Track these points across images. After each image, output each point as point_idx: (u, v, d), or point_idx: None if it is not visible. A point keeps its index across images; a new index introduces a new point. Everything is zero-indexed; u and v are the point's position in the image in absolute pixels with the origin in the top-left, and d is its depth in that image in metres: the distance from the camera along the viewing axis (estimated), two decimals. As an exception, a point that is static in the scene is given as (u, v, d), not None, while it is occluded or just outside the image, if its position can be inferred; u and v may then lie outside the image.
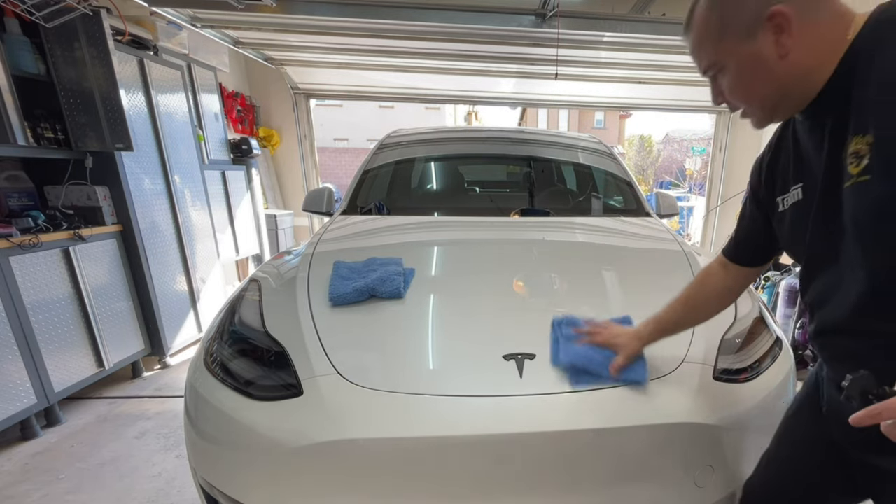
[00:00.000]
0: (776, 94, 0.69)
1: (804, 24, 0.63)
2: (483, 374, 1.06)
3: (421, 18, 3.03)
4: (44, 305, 2.22)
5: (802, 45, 0.64)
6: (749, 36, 0.66)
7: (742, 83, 0.71)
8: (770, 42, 0.65)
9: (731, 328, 1.25)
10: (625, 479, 1.00)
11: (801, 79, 0.66)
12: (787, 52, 0.64)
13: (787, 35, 0.63)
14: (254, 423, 1.02)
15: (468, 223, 2.00)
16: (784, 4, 0.62)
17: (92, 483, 1.88)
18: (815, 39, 0.64)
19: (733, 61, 0.69)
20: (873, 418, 0.56)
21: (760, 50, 0.66)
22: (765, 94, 0.70)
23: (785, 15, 0.62)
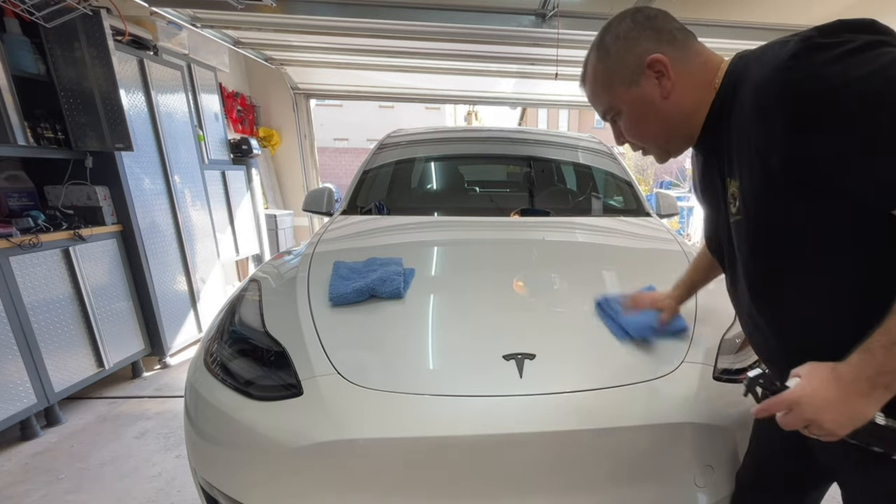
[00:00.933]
0: (666, 132, 0.78)
1: (679, 69, 0.73)
2: (483, 374, 1.06)
3: (421, 18, 3.03)
4: (44, 305, 2.22)
5: (680, 87, 0.73)
6: (634, 83, 0.75)
7: (635, 124, 0.79)
8: (653, 86, 0.74)
9: (731, 328, 1.25)
10: (625, 479, 1.00)
11: (685, 118, 0.75)
12: (669, 93, 0.73)
13: (666, 78, 0.73)
14: (254, 423, 1.02)
15: (468, 223, 2.00)
16: (659, 53, 0.72)
17: (92, 483, 1.88)
18: (690, 83, 0.73)
19: (625, 106, 0.78)
20: (766, 411, 0.64)
21: (645, 92, 0.74)
22: (656, 132, 0.79)
23: (661, 61, 0.72)
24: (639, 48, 0.74)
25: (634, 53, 0.74)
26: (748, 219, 0.69)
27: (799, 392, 0.61)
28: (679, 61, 0.73)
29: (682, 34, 0.75)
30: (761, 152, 0.62)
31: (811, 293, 0.67)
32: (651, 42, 0.74)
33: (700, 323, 1.24)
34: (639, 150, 0.84)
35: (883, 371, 0.56)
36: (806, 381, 0.62)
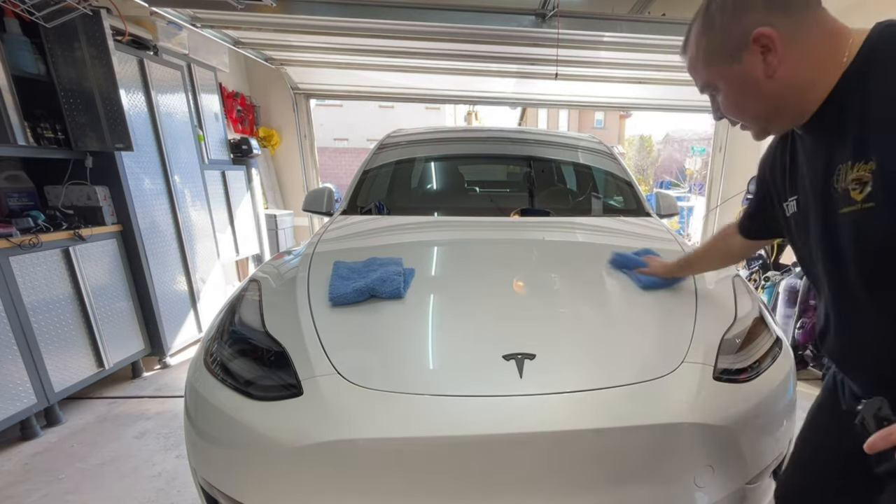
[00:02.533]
0: (768, 111, 0.72)
1: (792, 44, 0.65)
2: (483, 374, 1.06)
3: (421, 18, 3.03)
4: (44, 305, 2.22)
5: (791, 65, 0.66)
6: (736, 58, 0.69)
7: (734, 101, 0.74)
8: (757, 62, 0.67)
9: (731, 328, 1.25)
10: (625, 479, 1.00)
11: (793, 96, 0.69)
12: (775, 72, 0.67)
13: (773, 55, 0.66)
14: (254, 423, 1.02)
15: (468, 223, 2.00)
16: (769, 26, 0.64)
17: (92, 483, 1.88)
18: (805, 58, 0.66)
19: (724, 82, 0.73)
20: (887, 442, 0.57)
21: (748, 70, 0.68)
22: (756, 111, 0.74)
23: (769, 36, 0.64)
24: (746, 18, 0.66)
25: (741, 24, 0.67)
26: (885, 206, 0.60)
27: None
28: (793, 33, 0.65)
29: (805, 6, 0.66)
30: None
31: None
32: (760, 11, 0.66)
33: (700, 323, 1.24)
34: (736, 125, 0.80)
35: None
36: None
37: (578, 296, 1.40)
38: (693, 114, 7.82)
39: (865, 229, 0.64)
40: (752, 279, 3.65)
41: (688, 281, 1.44)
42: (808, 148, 0.75)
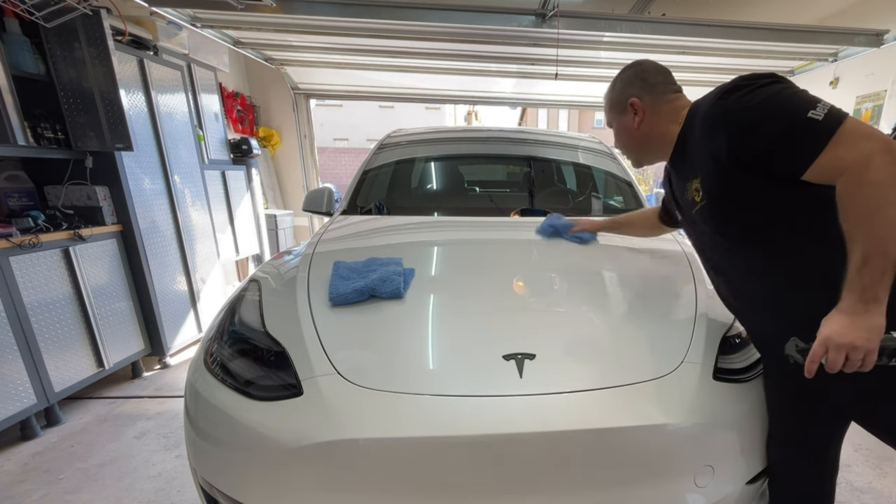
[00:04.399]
0: (636, 148, 1.20)
1: (650, 110, 1.11)
2: (483, 374, 1.06)
3: (421, 18, 3.03)
4: (44, 305, 2.22)
5: (649, 123, 1.12)
6: (621, 112, 1.16)
7: (618, 138, 1.22)
8: (630, 117, 1.14)
9: (731, 328, 1.25)
10: (625, 480, 1.00)
11: (652, 142, 1.14)
12: (639, 125, 1.13)
13: (639, 115, 1.12)
14: (254, 423, 1.02)
15: (468, 223, 2.00)
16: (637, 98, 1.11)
17: (92, 483, 1.88)
18: (658, 120, 1.11)
19: (615, 123, 1.20)
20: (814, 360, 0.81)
21: (626, 121, 1.15)
22: (630, 147, 1.21)
23: (637, 104, 1.12)
24: (629, 90, 1.13)
25: (626, 93, 1.14)
26: (709, 200, 0.99)
27: (825, 332, 0.79)
28: (651, 104, 1.11)
29: (661, 87, 1.11)
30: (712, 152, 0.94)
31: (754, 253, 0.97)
32: (636, 88, 1.12)
33: (700, 323, 1.24)
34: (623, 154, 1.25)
35: (865, 289, 0.77)
36: (824, 327, 0.80)
37: (578, 296, 1.40)
38: (693, 114, 7.79)
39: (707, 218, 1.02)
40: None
41: (688, 281, 1.44)
42: (673, 175, 1.16)
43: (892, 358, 0.79)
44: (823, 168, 0.80)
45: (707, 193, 0.98)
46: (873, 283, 0.76)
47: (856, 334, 0.77)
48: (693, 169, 1.02)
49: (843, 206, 0.80)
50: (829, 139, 0.79)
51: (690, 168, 1.03)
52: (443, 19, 3.05)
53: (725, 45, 3.47)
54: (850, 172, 0.78)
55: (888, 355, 0.78)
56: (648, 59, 1.17)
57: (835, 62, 3.84)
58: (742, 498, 1.12)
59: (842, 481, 1.91)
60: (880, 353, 0.78)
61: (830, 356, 0.79)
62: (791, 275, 0.93)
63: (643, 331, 1.24)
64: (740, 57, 3.79)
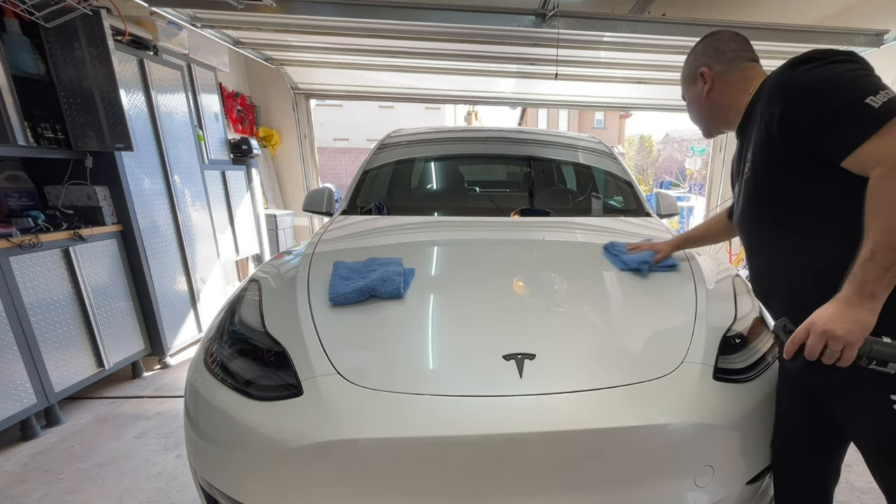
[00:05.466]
0: (705, 118, 1.20)
1: (719, 78, 1.11)
2: (483, 374, 1.06)
3: (421, 18, 3.03)
4: (44, 305, 2.22)
5: (717, 91, 1.11)
6: (692, 83, 1.18)
7: (689, 107, 1.24)
8: (701, 87, 1.14)
9: (731, 328, 1.26)
10: (625, 480, 1.00)
11: (718, 110, 1.14)
12: (707, 93, 1.13)
13: (707, 84, 1.12)
14: (254, 423, 1.02)
15: (468, 223, 2.00)
16: (707, 67, 1.11)
17: (92, 483, 1.88)
18: (725, 88, 1.10)
19: (687, 95, 1.22)
20: (794, 344, 0.85)
21: (696, 90, 1.16)
22: (699, 116, 1.21)
23: (706, 72, 1.12)
24: (699, 60, 1.14)
25: (696, 63, 1.15)
26: (754, 172, 1.01)
27: (812, 317, 0.82)
28: (721, 73, 1.10)
29: (732, 54, 1.10)
30: (766, 121, 0.93)
31: (779, 234, 0.99)
32: (706, 58, 1.13)
33: (700, 323, 1.24)
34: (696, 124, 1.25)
35: (864, 283, 0.77)
36: (815, 313, 0.83)
37: (578, 296, 1.40)
38: (693, 114, 7.79)
39: (749, 190, 1.04)
40: (752, 279, 3.64)
41: (688, 281, 1.44)
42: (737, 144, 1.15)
43: (872, 361, 0.78)
44: (863, 157, 0.79)
45: (753, 165, 0.99)
46: (875, 277, 0.76)
47: (839, 324, 0.78)
48: (749, 140, 1.03)
49: (868, 197, 0.79)
50: (877, 128, 0.77)
51: (748, 140, 1.03)
52: (443, 19, 3.05)
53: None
54: (884, 164, 0.76)
55: (868, 356, 0.78)
56: (725, 29, 1.14)
57: (835, 62, 3.83)
58: (742, 498, 1.12)
59: (842, 481, 1.90)
60: (861, 352, 0.78)
61: (810, 341, 0.81)
62: (811, 263, 0.93)
63: (643, 331, 1.24)
64: (740, 57, 3.78)
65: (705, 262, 1.62)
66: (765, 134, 0.94)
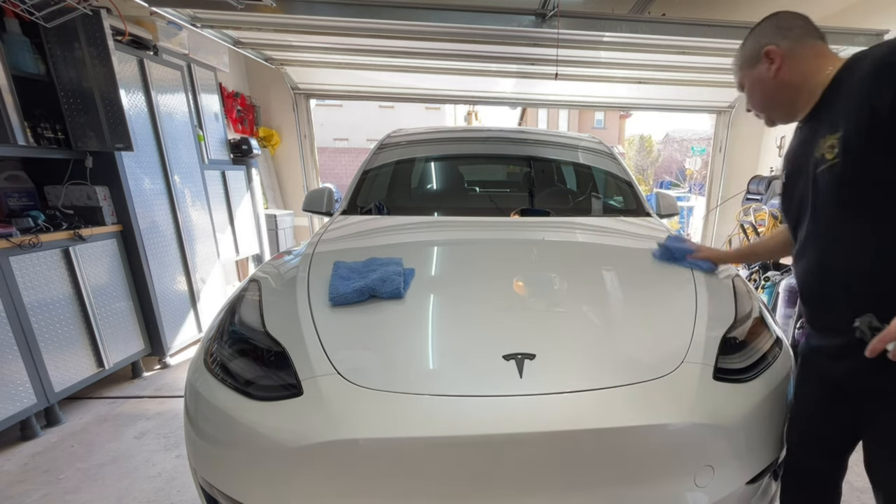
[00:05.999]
0: (771, 103, 1.09)
1: (789, 59, 1.00)
2: (483, 374, 1.06)
3: (421, 18, 3.03)
4: (44, 305, 2.22)
5: (787, 71, 1.01)
6: (754, 65, 1.06)
7: (750, 95, 1.12)
8: (766, 68, 1.03)
9: (731, 328, 1.25)
10: (625, 480, 1.00)
11: (788, 93, 1.03)
12: (777, 72, 1.02)
13: (776, 62, 1.02)
14: (254, 423, 1.02)
15: (468, 223, 2.00)
16: (773, 45, 1.01)
17: (92, 483, 1.89)
18: (796, 66, 1.00)
19: (747, 81, 1.10)
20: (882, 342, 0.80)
21: (760, 73, 1.05)
22: (763, 102, 1.10)
23: (774, 50, 1.01)
24: (763, 40, 1.03)
25: (759, 43, 1.04)
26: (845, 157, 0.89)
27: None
28: (791, 50, 1.00)
29: (800, 30, 1.01)
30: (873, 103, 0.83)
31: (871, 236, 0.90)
32: (771, 36, 1.02)
33: (700, 323, 1.24)
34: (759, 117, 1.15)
35: None
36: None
37: (578, 296, 1.40)
38: (693, 114, 7.81)
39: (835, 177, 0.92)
40: (752, 279, 3.64)
41: (688, 281, 1.44)
42: (802, 135, 1.06)
43: None
44: None
45: (845, 150, 0.89)
46: None
47: None
48: (835, 123, 0.91)
49: None
50: None
51: (831, 122, 0.93)
52: (443, 19, 3.05)
53: (725, 45, 3.46)
54: None
55: None
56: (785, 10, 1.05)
57: (835, 62, 3.84)
58: (742, 498, 1.12)
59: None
60: None
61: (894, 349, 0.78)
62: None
63: (643, 331, 1.24)
64: (740, 57, 3.79)
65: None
66: (867, 117, 0.84)
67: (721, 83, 4.63)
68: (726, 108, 5.31)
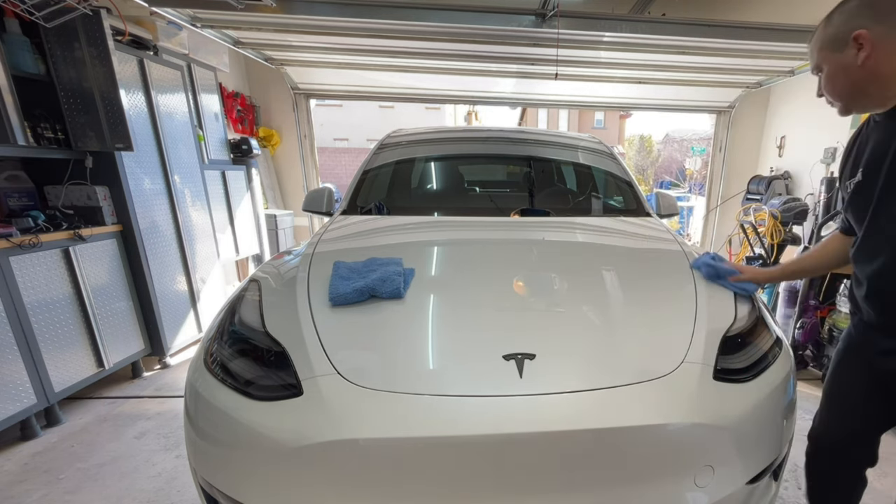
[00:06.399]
0: (852, 92, 1.00)
1: (882, 45, 0.91)
2: (483, 374, 1.06)
3: (421, 18, 3.03)
4: (44, 305, 2.22)
5: (878, 60, 0.92)
6: (839, 49, 0.97)
7: (830, 81, 1.02)
8: (852, 54, 0.95)
9: (731, 328, 1.25)
10: (624, 480, 1.00)
11: (876, 84, 0.95)
12: (865, 60, 0.93)
13: (865, 50, 0.93)
14: (254, 423, 1.02)
15: (468, 223, 2.00)
16: (866, 29, 0.92)
17: (92, 483, 1.89)
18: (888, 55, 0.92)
19: (827, 65, 1.01)
20: None
21: (845, 59, 0.96)
22: (844, 91, 1.01)
23: (865, 36, 0.92)
24: (853, 22, 0.94)
25: (848, 26, 0.95)
26: None
27: None
28: (885, 36, 0.91)
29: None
30: None
31: None
32: (864, 19, 0.93)
33: (700, 323, 1.24)
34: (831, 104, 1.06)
35: None
36: None
37: (578, 296, 1.40)
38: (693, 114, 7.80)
39: None
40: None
41: (688, 281, 1.44)
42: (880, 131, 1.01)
43: None
44: None
45: None
46: None
47: None
48: None
49: None
50: None
51: None
52: (443, 19, 3.05)
53: (725, 45, 3.46)
54: None
55: None
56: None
57: (835, 62, 3.84)
58: (742, 498, 1.12)
59: (842, 481, 1.91)
60: None
61: None
62: None
63: (643, 331, 1.24)
64: (740, 57, 3.79)
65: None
66: None
67: (721, 83, 4.63)
68: (726, 108, 5.31)
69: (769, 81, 4.54)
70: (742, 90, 4.89)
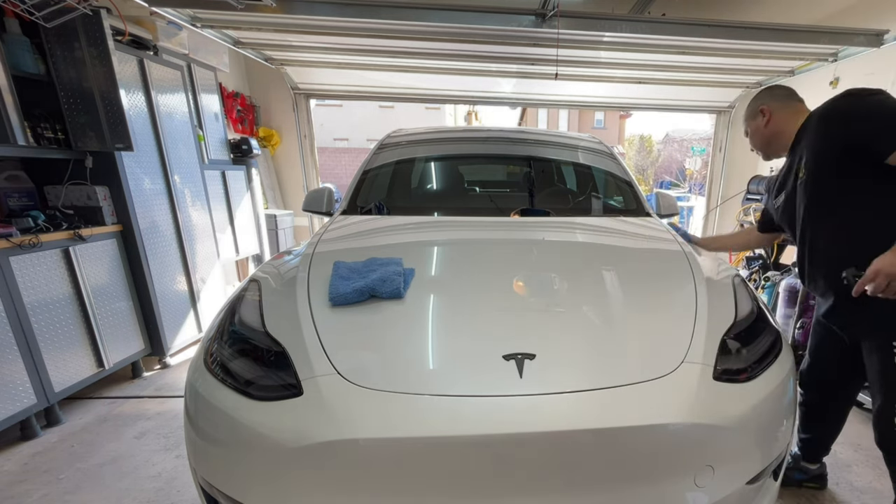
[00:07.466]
0: (764, 144, 1.58)
1: (776, 115, 1.50)
2: (483, 374, 1.06)
3: (421, 18, 3.03)
4: (44, 305, 2.22)
5: (774, 123, 1.51)
6: (753, 118, 1.57)
7: (752, 139, 1.62)
8: (760, 120, 1.54)
9: (731, 328, 1.26)
10: (624, 480, 1.00)
11: (775, 138, 1.53)
12: (766, 124, 1.53)
13: (766, 117, 1.52)
14: (254, 423, 1.02)
15: (468, 223, 2.00)
16: (766, 105, 1.52)
17: (92, 483, 1.89)
18: (779, 120, 1.50)
19: (749, 128, 1.61)
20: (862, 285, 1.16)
21: (758, 123, 1.56)
22: (760, 143, 1.59)
23: (766, 108, 1.52)
24: (759, 101, 1.55)
25: (757, 102, 1.56)
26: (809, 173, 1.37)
27: (878, 264, 1.14)
28: (778, 109, 1.50)
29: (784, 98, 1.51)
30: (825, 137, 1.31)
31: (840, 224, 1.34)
32: (765, 99, 1.54)
33: (700, 323, 1.24)
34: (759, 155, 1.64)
35: None
36: (877, 261, 1.14)
37: (578, 296, 1.40)
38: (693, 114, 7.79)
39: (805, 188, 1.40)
40: (752, 279, 3.65)
41: (688, 281, 1.44)
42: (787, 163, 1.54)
43: None
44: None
45: (809, 170, 1.35)
46: None
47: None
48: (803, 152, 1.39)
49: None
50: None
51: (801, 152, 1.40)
52: (443, 19, 3.05)
53: (725, 45, 3.46)
54: None
55: None
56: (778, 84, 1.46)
57: (835, 62, 3.84)
58: (742, 498, 1.12)
59: (842, 481, 1.91)
60: None
61: (877, 281, 1.12)
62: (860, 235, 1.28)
63: (643, 331, 1.24)
64: (740, 57, 3.79)
65: (705, 262, 1.62)
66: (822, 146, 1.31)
67: (721, 83, 4.63)
68: (726, 108, 5.31)
69: (769, 81, 4.54)
70: (742, 90, 4.89)
